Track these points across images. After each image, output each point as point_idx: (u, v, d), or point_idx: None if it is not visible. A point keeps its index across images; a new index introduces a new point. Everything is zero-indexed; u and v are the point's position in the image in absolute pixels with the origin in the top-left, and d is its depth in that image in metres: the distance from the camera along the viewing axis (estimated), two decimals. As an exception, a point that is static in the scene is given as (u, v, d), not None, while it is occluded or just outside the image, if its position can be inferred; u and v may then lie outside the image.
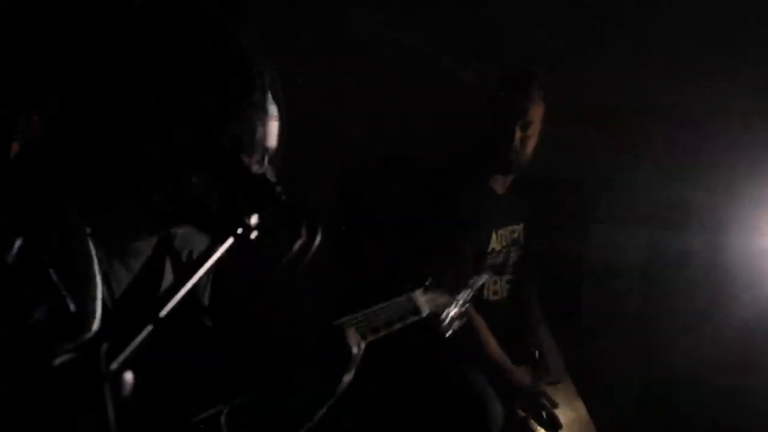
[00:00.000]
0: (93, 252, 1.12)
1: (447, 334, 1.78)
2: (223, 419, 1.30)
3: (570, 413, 2.49)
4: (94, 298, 1.11)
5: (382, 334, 1.56)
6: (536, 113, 2.46)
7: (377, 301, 1.60)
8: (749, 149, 2.66)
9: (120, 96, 1.11)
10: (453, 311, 1.78)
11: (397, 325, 1.61)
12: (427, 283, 1.75)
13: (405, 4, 2.80)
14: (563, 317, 2.75)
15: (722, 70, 2.78)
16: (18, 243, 1.06)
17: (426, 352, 2.31)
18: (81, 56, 1.20)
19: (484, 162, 2.52)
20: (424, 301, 1.71)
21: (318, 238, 1.02)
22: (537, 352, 2.47)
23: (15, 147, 1.52)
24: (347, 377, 1.45)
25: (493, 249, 2.53)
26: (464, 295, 1.83)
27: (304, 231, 1.02)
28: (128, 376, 0.82)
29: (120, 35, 1.10)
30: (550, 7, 2.86)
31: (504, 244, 2.57)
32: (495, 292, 2.58)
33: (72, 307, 1.07)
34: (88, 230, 1.10)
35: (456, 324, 1.79)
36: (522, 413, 2.36)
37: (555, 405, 2.33)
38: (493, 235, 2.51)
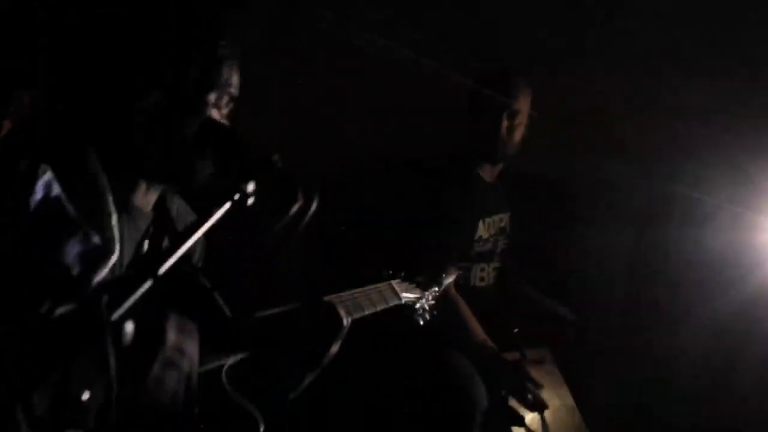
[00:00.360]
0: (109, 192, 1.22)
1: (420, 323, 1.89)
2: (223, 375, 1.37)
3: (556, 400, 2.54)
4: (112, 230, 1.19)
5: (366, 313, 1.66)
6: (523, 103, 2.54)
7: (358, 285, 1.70)
8: (735, 144, 2.71)
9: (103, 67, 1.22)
10: (424, 304, 1.90)
11: (380, 307, 1.73)
12: (402, 276, 1.87)
13: (405, 4, 2.84)
14: (548, 311, 2.80)
15: (722, 69, 2.83)
16: (41, 183, 1.16)
17: (409, 336, 2.35)
18: (66, 35, 1.31)
19: (472, 151, 2.59)
20: (400, 289, 1.84)
21: (315, 203, 1.07)
22: (516, 331, 2.50)
23: (7, 125, 1.63)
24: (334, 348, 1.52)
25: (481, 237, 2.59)
26: (433, 291, 1.94)
27: (300, 195, 1.07)
28: (129, 327, 0.89)
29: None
30: (550, 6, 2.92)
31: (492, 232, 2.63)
32: (482, 279, 2.64)
33: (96, 239, 1.16)
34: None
35: (426, 316, 1.90)
36: (506, 396, 2.40)
37: (540, 386, 2.37)
38: (480, 224, 2.58)
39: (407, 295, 1.85)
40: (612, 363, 2.98)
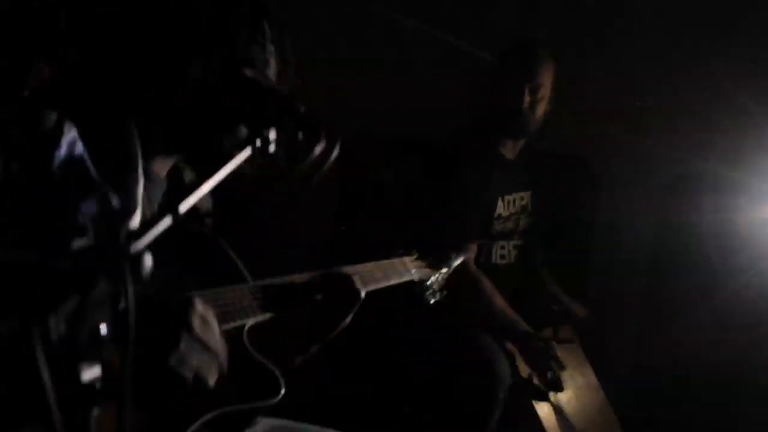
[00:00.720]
0: (140, 158, 1.19)
1: (429, 303, 1.86)
2: (245, 334, 1.36)
3: (580, 378, 2.52)
4: (136, 196, 1.17)
5: (380, 285, 1.64)
6: (545, 76, 2.48)
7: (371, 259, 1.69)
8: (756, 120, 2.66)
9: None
10: (434, 284, 1.87)
11: (394, 281, 1.71)
12: (414, 253, 1.84)
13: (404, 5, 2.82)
14: (569, 291, 2.73)
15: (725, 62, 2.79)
16: (66, 140, 1.13)
17: (432, 313, 2.34)
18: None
19: (493, 128, 2.53)
20: (413, 266, 1.82)
21: (338, 146, 1.05)
22: (556, 308, 2.47)
23: (24, 93, 1.61)
24: (348, 319, 1.51)
25: (500, 215, 2.54)
26: (443, 272, 1.91)
27: (323, 136, 1.05)
28: (148, 260, 0.85)
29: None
30: (550, 6, 2.89)
31: (512, 210, 2.58)
32: (502, 257, 2.59)
33: (116, 201, 1.14)
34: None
35: (437, 296, 1.88)
36: (526, 371, 2.38)
37: (563, 367, 2.34)
38: (500, 201, 2.53)
39: (419, 273, 1.83)
40: (633, 344, 2.94)
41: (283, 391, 1.33)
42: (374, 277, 1.64)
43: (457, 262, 1.95)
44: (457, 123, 2.70)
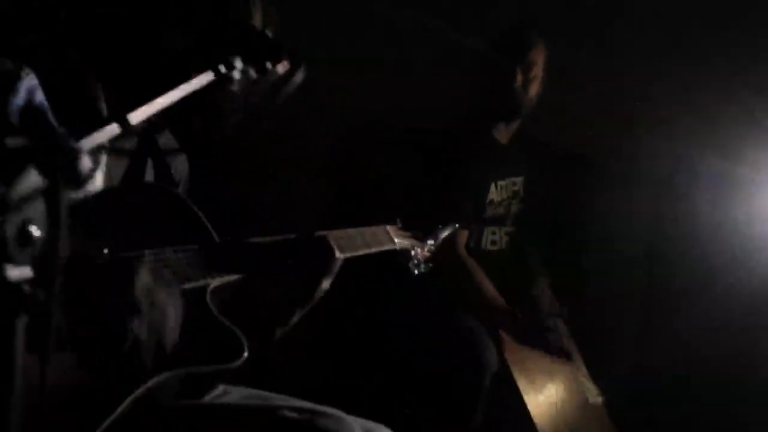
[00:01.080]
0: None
1: (414, 273, 1.81)
2: (208, 294, 1.32)
3: (568, 369, 2.45)
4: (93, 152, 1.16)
5: (359, 253, 1.60)
6: (538, 55, 2.46)
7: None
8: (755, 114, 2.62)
9: None
10: (419, 254, 1.82)
11: (374, 249, 1.67)
12: (397, 224, 1.80)
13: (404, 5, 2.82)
14: (565, 285, 2.70)
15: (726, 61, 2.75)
16: (24, 86, 1.10)
17: (420, 298, 2.33)
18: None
19: (485, 111, 2.51)
20: (395, 236, 1.77)
21: (302, 69, 1.03)
22: (536, 295, 2.42)
23: None
24: (326, 283, 1.47)
25: (492, 200, 2.51)
26: (429, 243, 1.86)
27: (287, 58, 1.03)
28: (86, 160, 0.80)
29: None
30: (550, 6, 2.86)
31: (504, 196, 2.55)
32: (493, 242, 2.56)
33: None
34: None
35: (421, 267, 1.83)
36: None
37: (559, 333, 2.34)
38: (492, 186, 2.50)
39: (402, 242, 1.78)
40: (630, 339, 2.89)
41: (246, 354, 1.28)
42: (353, 243, 1.59)
43: (444, 234, 1.91)
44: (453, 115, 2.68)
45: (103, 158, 1.23)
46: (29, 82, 1.12)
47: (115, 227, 1.23)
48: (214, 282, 1.34)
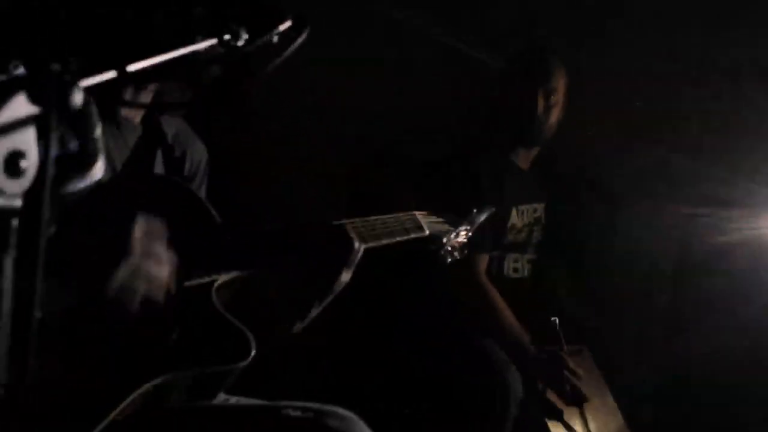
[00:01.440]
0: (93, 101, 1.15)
1: (447, 262, 1.74)
2: (213, 292, 1.30)
3: (595, 399, 2.33)
4: (95, 141, 1.14)
5: (383, 242, 1.53)
6: (559, 81, 2.41)
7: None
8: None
9: None
10: (452, 240, 1.73)
11: (399, 237, 1.59)
12: (428, 209, 1.73)
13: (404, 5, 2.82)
14: (589, 309, 2.65)
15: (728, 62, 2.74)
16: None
17: (443, 323, 2.28)
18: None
19: (505, 136, 2.45)
20: (425, 222, 1.69)
21: (306, 31, 1.02)
22: (556, 321, 2.28)
23: None
24: (346, 275, 1.41)
25: (514, 225, 2.44)
26: (464, 228, 1.78)
27: (290, 20, 1.02)
28: (78, 92, 0.78)
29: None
30: (550, 6, 2.86)
31: (525, 221, 2.48)
32: (515, 270, 2.49)
33: (73, 145, 1.10)
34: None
35: (455, 254, 1.75)
36: (543, 388, 2.25)
37: (579, 377, 2.21)
38: (513, 211, 2.43)
39: (432, 228, 1.69)
40: (651, 360, 2.82)
41: (253, 353, 1.25)
42: (374, 232, 1.51)
43: (480, 218, 1.82)
44: (465, 130, 2.66)
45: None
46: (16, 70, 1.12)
47: (119, 216, 1.22)
48: (221, 278, 1.31)
